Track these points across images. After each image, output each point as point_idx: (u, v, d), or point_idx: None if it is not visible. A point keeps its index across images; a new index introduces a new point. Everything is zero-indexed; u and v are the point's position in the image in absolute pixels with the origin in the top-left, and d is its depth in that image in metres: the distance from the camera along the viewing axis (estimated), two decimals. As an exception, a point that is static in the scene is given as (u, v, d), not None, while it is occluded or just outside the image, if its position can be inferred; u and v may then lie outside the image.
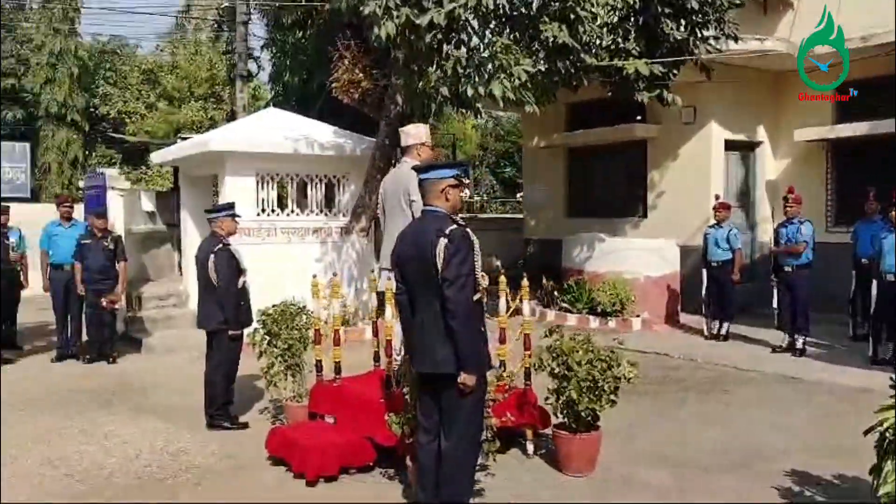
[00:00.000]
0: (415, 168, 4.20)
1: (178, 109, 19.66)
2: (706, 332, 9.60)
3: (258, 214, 9.60)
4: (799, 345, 8.38)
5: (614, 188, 12.97)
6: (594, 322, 10.30)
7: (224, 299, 5.84)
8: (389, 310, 5.02)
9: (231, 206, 6.34)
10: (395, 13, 7.46)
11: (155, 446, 5.52)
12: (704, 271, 9.65)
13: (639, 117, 12.15)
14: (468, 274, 3.59)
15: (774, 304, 8.83)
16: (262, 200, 9.66)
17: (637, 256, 10.72)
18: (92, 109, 20.33)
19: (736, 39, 9.35)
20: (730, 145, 11.63)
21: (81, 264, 8.44)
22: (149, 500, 4.52)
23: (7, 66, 21.46)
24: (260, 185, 9.62)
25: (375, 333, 5.82)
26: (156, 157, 11.17)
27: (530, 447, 5.12)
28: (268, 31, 14.33)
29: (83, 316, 8.64)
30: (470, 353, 3.59)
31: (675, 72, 9.47)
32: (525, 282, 5.28)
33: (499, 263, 15.04)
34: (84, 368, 8.31)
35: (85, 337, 8.76)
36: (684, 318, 10.68)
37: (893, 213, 7.78)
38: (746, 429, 5.81)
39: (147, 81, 20.78)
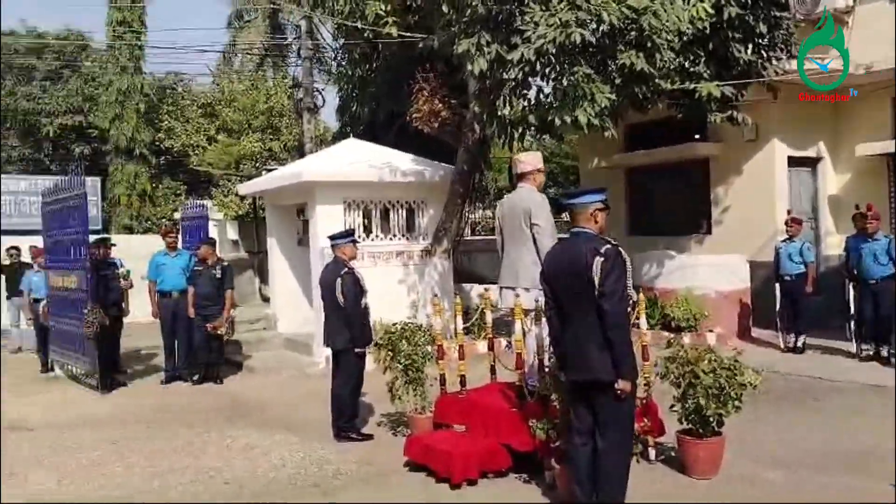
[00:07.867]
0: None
1: (237, 141, 20.32)
2: (782, 345, 9.84)
3: (346, 240, 10.05)
4: (884, 353, 8.62)
5: (676, 205, 13.25)
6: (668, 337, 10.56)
7: (351, 319, 6.28)
8: (519, 325, 5.42)
9: (351, 232, 6.82)
10: (486, 50, 7.95)
11: (295, 456, 5.96)
12: (777, 285, 9.90)
13: (697, 136, 12.45)
14: (624, 288, 3.98)
15: (852, 313, 9.08)
16: (349, 226, 10.12)
17: (706, 272, 10.99)
18: (157, 143, 21.15)
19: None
20: (793, 161, 11.88)
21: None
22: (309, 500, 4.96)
23: (75, 104, 22.45)
24: (346, 212, 10.11)
25: (491, 348, 6.23)
26: (242, 188, 11.71)
27: (652, 453, 5.45)
28: (337, 65, 14.96)
29: (191, 340, 9.12)
30: (627, 361, 3.96)
31: (743, 92, 9.80)
32: (641, 296, 5.64)
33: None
34: (193, 389, 8.81)
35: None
36: (756, 332, 10.91)
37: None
38: (849, 434, 6.07)
39: (206, 115, 21.51)
